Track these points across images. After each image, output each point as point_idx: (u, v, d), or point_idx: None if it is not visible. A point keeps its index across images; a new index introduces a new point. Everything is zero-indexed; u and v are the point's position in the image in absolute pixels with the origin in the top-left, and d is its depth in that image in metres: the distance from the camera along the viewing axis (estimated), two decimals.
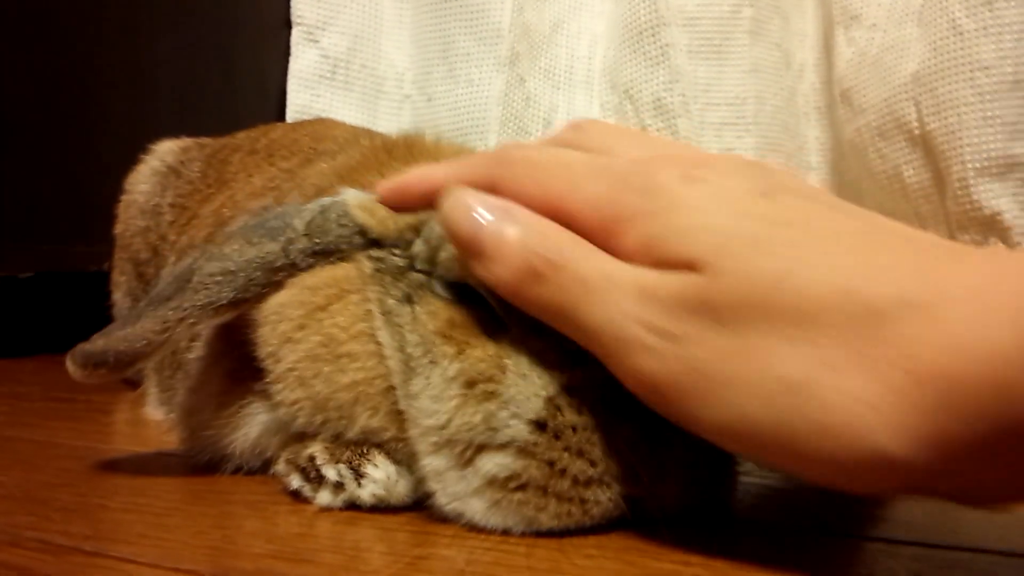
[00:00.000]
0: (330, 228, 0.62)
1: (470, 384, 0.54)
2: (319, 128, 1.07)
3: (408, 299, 0.59)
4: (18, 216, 1.65)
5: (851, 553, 0.52)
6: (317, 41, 2.07)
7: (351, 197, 0.65)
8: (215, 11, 1.89)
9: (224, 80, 1.90)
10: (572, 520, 0.52)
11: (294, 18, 2.04)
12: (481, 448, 0.53)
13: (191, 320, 0.61)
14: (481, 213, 0.52)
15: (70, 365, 0.61)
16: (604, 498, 0.52)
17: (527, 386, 0.53)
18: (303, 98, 2.03)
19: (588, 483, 0.52)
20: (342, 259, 0.62)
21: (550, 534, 0.52)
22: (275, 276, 0.62)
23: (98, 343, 0.62)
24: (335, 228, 0.62)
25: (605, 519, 0.53)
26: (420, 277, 0.59)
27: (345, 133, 1.03)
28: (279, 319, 0.62)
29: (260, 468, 0.67)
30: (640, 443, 0.52)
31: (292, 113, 2.05)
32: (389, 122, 2.16)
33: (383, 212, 0.63)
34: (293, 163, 0.94)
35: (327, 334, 0.60)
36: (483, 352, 0.54)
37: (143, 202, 1.10)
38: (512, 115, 2.01)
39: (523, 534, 0.52)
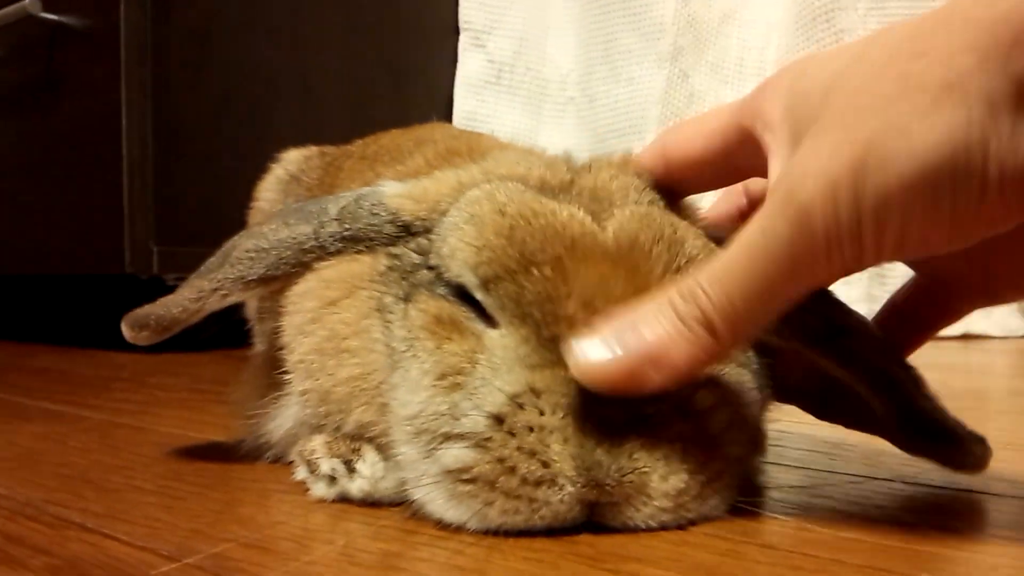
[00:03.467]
0: (361, 215, 0.65)
1: (441, 376, 0.55)
2: (424, 133, 1.09)
3: (406, 297, 0.60)
4: (197, 223, 1.80)
5: (824, 544, 0.48)
6: (484, 46, 2.11)
7: (389, 187, 0.67)
8: (384, 20, 1.98)
9: (393, 88, 1.98)
10: (520, 518, 0.51)
11: (462, 23, 2.10)
12: (445, 437, 0.54)
13: (223, 292, 0.66)
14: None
15: (123, 327, 0.67)
16: (555, 500, 0.51)
17: (494, 379, 0.53)
18: (470, 104, 2.08)
19: (538, 483, 0.51)
20: (369, 250, 0.64)
21: (501, 532, 0.52)
22: (304, 257, 0.65)
23: (145, 308, 0.68)
24: (366, 216, 0.65)
25: (558, 521, 0.52)
26: (428, 275, 0.60)
27: (444, 136, 1.04)
28: (296, 310, 0.65)
29: None
30: (606, 449, 0.51)
31: (459, 119, 2.11)
32: (553, 125, 2.17)
33: (417, 197, 0.64)
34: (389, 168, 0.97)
35: (332, 329, 0.62)
36: (459, 346, 0.55)
37: (268, 209, 1.17)
38: (673, 113, 1.96)
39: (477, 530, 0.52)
